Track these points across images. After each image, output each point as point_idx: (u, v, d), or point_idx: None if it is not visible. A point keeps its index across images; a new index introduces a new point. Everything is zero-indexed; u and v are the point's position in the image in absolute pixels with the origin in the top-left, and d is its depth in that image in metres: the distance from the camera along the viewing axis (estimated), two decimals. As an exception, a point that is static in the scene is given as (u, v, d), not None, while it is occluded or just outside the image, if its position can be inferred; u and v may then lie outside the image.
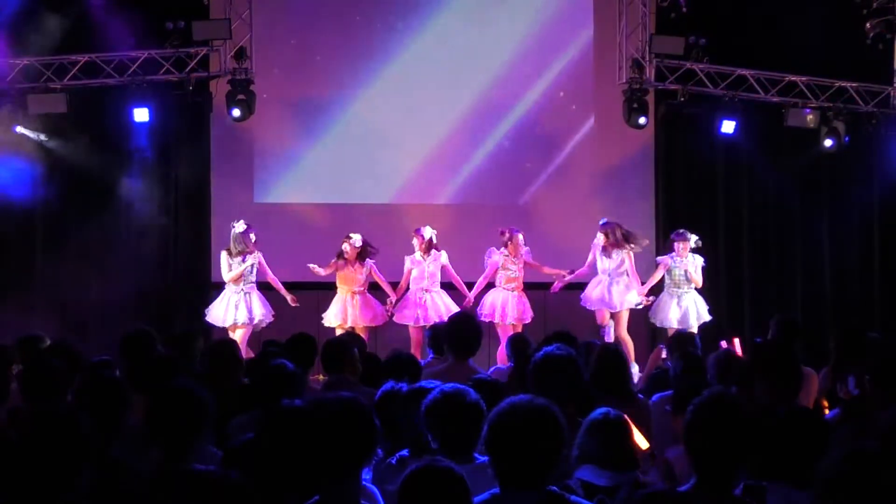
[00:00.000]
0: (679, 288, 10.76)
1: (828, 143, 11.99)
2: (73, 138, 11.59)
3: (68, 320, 11.10)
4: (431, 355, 7.78)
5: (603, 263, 10.68)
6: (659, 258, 10.97)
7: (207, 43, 11.23)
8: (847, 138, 11.97)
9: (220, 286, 11.18)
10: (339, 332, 10.19)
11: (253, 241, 10.30)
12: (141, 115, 11.12)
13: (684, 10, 11.52)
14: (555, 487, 3.34)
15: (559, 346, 4.76)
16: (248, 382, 5.49)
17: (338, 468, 3.35)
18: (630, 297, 10.61)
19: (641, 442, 4.24)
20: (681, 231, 10.80)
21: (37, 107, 11.05)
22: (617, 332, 10.49)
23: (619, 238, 10.60)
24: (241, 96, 11.18)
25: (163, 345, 6.48)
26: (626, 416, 3.98)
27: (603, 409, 3.96)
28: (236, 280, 10.27)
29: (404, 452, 4.14)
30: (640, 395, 5.76)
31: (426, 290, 10.54)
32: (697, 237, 10.76)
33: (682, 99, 11.72)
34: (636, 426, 4.11)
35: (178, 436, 3.56)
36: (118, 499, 3.53)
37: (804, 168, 12.48)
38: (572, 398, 4.52)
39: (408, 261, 10.63)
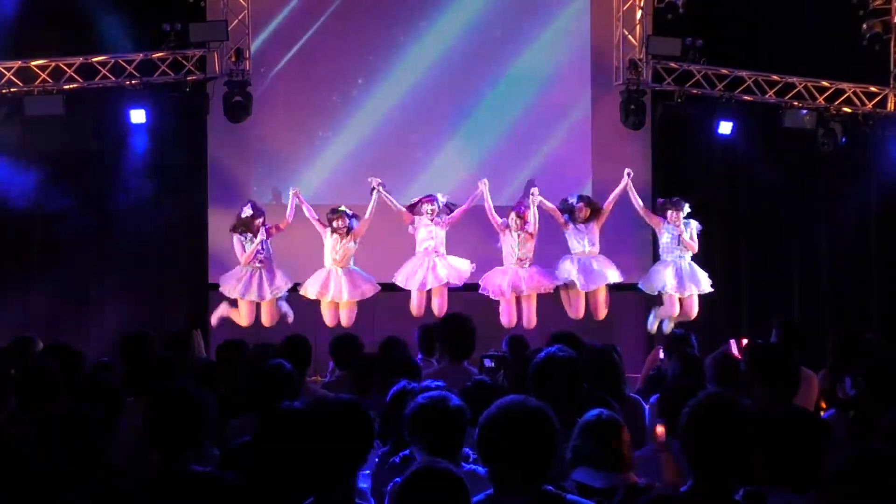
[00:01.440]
0: (671, 253, 10.64)
1: (824, 144, 12.00)
2: (70, 140, 11.58)
3: (66, 322, 11.08)
4: (420, 357, 7.70)
5: (576, 243, 10.62)
6: (653, 216, 10.79)
7: (204, 44, 11.24)
8: (844, 140, 11.99)
9: (217, 287, 11.20)
10: (326, 313, 10.27)
11: (259, 224, 10.38)
12: (138, 116, 11.12)
13: (681, 11, 11.53)
14: (550, 487, 3.34)
15: (560, 347, 4.75)
16: (246, 383, 5.45)
17: (334, 470, 3.35)
18: (609, 273, 10.56)
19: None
20: (675, 199, 10.65)
21: (33, 109, 11.05)
22: (598, 315, 10.50)
23: (593, 205, 10.57)
24: (238, 98, 11.18)
25: (161, 346, 6.48)
26: (619, 418, 3.98)
27: (596, 411, 3.96)
28: (249, 260, 10.36)
29: (406, 452, 4.13)
30: (633, 395, 5.78)
31: (434, 253, 10.50)
32: (687, 204, 10.64)
33: (680, 100, 11.73)
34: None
35: (177, 438, 3.56)
36: (112, 501, 3.53)
37: (801, 169, 12.49)
38: (572, 400, 4.52)
39: (417, 220, 10.57)
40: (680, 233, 10.55)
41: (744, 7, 11.91)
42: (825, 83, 12.05)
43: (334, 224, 10.48)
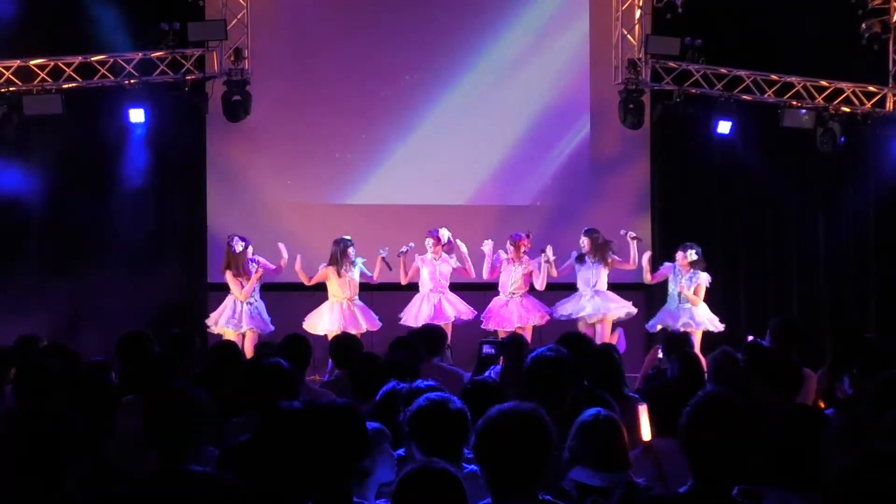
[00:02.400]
0: (674, 303, 10.60)
1: (823, 143, 12.00)
2: (69, 140, 11.57)
3: (64, 321, 11.05)
4: None
5: (582, 274, 10.67)
6: (666, 264, 10.80)
7: (203, 44, 11.23)
8: (843, 139, 11.98)
9: (216, 287, 11.20)
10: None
11: (251, 255, 10.33)
12: (137, 116, 11.12)
13: (680, 10, 11.53)
14: (548, 496, 3.33)
15: (552, 347, 4.73)
16: (245, 383, 5.44)
17: (331, 470, 3.34)
18: (614, 307, 10.59)
19: (646, 433, 4.20)
20: (683, 244, 10.60)
21: (32, 108, 11.03)
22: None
23: (600, 243, 10.58)
24: (236, 97, 11.17)
25: (160, 346, 6.46)
26: (616, 417, 3.96)
27: (594, 410, 3.94)
28: (248, 296, 10.31)
29: (400, 452, 4.12)
30: (634, 395, 5.76)
31: (439, 292, 10.56)
32: (695, 251, 10.50)
33: (679, 100, 11.73)
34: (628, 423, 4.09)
35: (175, 437, 3.55)
36: (109, 500, 3.52)
37: (800, 169, 12.49)
38: (564, 400, 4.49)
39: (418, 260, 10.63)
40: (680, 289, 10.45)
41: (742, 6, 11.90)
42: (824, 83, 12.04)
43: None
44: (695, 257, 10.47)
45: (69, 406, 3.71)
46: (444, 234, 10.66)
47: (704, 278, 10.55)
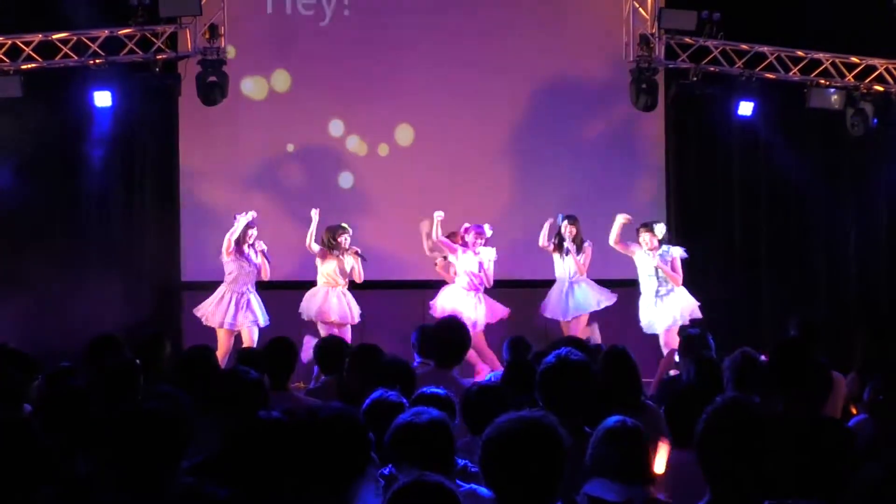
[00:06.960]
0: (649, 286, 10.58)
1: (854, 126, 12.03)
2: (29, 125, 11.56)
3: (28, 321, 11.06)
4: (418, 360, 7.65)
5: (562, 265, 10.88)
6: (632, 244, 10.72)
7: (175, 20, 11.21)
8: (875, 121, 12.00)
9: (191, 287, 11.25)
10: (323, 329, 10.33)
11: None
12: (103, 99, 11.09)
13: (696, -19, 11.58)
14: None
15: (571, 350, 4.70)
16: (210, 391, 5.42)
17: (330, 481, 3.38)
18: (589, 300, 10.80)
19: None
20: (644, 223, 10.62)
21: (-12, 90, 11.05)
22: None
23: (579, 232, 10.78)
24: (212, 78, 11.15)
25: (131, 349, 6.49)
26: (641, 427, 3.98)
27: (619, 418, 3.92)
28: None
29: (384, 471, 4.11)
30: (649, 403, 5.78)
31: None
32: (662, 225, 10.63)
33: (695, 78, 11.74)
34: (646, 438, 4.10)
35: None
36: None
37: (828, 154, 12.53)
38: (583, 408, 4.50)
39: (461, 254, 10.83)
40: (657, 266, 10.45)
41: (765, -23, 11.96)
42: (854, 59, 12.07)
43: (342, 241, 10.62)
44: (663, 230, 10.57)
45: (37, 416, 3.73)
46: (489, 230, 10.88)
47: (680, 251, 10.59)
